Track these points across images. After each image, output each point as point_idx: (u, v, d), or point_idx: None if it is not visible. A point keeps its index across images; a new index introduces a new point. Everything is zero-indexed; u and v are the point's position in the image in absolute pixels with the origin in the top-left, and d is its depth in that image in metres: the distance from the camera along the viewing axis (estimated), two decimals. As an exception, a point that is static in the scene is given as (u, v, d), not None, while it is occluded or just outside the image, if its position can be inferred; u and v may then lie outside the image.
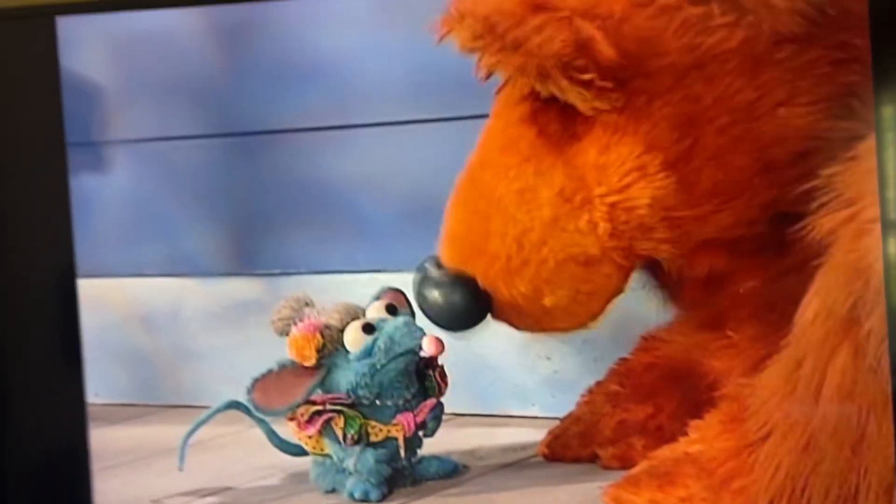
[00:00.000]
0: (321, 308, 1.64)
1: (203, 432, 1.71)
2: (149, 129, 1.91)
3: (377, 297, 1.68)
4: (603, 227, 1.51)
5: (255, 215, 1.91)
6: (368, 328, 1.61)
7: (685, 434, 1.53)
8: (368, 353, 1.60)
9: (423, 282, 1.59)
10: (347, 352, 1.61)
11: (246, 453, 1.82)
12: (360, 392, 1.61)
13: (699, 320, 1.61)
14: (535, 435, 1.73)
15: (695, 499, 1.48)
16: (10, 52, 1.76)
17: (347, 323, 1.62)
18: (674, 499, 1.49)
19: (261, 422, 1.69)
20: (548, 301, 1.56)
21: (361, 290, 1.72)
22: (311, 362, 1.61)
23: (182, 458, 1.69)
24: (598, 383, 1.69)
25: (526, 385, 1.84)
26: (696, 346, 1.62)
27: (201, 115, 1.90)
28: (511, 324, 1.61)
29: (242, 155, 1.90)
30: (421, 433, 1.64)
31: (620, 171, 1.51)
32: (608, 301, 1.59)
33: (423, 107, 1.83)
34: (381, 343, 1.60)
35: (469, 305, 1.58)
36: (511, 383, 1.84)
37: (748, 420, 1.46)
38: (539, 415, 1.83)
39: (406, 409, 1.63)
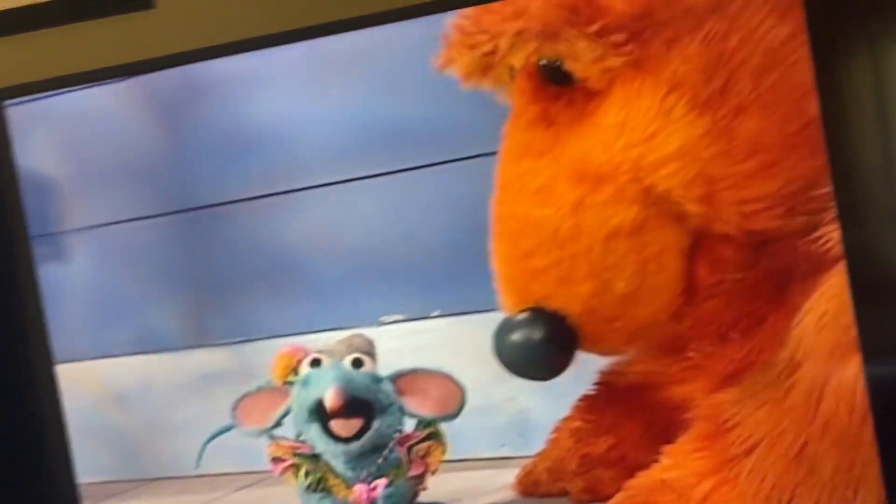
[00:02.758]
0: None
1: (186, 501, 1.68)
2: (102, 214, 1.79)
3: (409, 371, 1.58)
4: (632, 187, 1.28)
5: (211, 287, 1.79)
6: (315, 363, 1.55)
7: (651, 462, 1.38)
8: (305, 382, 1.54)
9: (499, 337, 1.36)
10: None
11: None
12: (304, 428, 1.54)
13: (658, 347, 1.41)
14: (509, 475, 1.60)
15: (674, 526, 1.32)
16: None
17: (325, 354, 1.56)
18: (653, 528, 1.33)
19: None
20: (620, 287, 1.35)
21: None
22: (278, 381, 1.55)
23: (200, 458, 1.63)
24: (563, 420, 1.55)
25: (495, 427, 1.67)
26: (656, 374, 1.46)
27: (151, 194, 1.77)
28: (603, 345, 1.41)
29: (195, 229, 1.77)
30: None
31: (643, 120, 1.31)
32: (682, 256, 1.37)
33: (366, 163, 1.68)
34: (312, 378, 1.54)
35: (550, 337, 1.37)
36: (480, 426, 1.64)
37: (730, 433, 1.31)
38: (510, 455, 1.67)
39: (370, 479, 1.53)
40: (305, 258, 1.73)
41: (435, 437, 1.56)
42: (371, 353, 1.56)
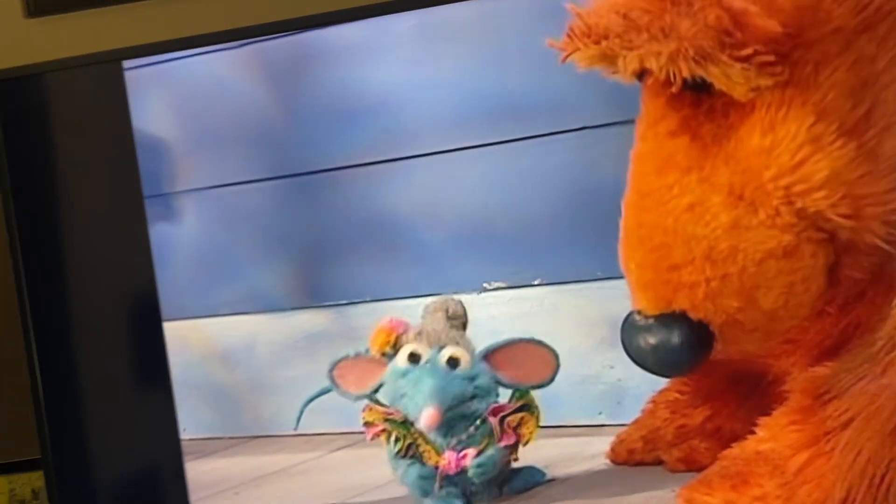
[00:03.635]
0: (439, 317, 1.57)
1: (284, 459, 1.66)
2: (213, 177, 1.77)
3: (507, 343, 1.56)
4: (786, 211, 1.23)
5: (318, 250, 1.76)
6: (414, 357, 1.53)
7: (747, 433, 1.33)
8: (403, 374, 1.53)
9: (634, 334, 1.33)
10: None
11: (329, 477, 1.68)
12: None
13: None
14: (604, 443, 1.57)
15: (769, 497, 1.35)
16: (85, 105, 1.64)
17: (419, 342, 1.54)
18: (747, 498, 1.35)
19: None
20: (766, 304, 1.30)
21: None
22: (375, 353, 1.54)
23: (298, 420, 1.62)
24: (660, 391, 1.52)
25: (592, 395, 1.63)
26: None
27: (261, 159, 1.76)
28: (738, 346, 1.36)
29: (302, 194, 1.75)
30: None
31: (791, 147, 1.26)
32: (827, 274, 1.32)
33: (471, 133, 1.65)
34: (411, 377, 1.52)
35: (689, 343, 1.32)
36: (577, 394, 1.61)
37: (826, 407, 1.28)
38: (606, 423, 1.64)
39: (461, 447, 1.51)
40: (410, 225, 1.70)
41: (528, 408, 1.53)
42: (465, 320, 1.55)
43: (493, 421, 1.52)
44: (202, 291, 1.80)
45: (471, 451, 1.50)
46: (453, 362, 1.52)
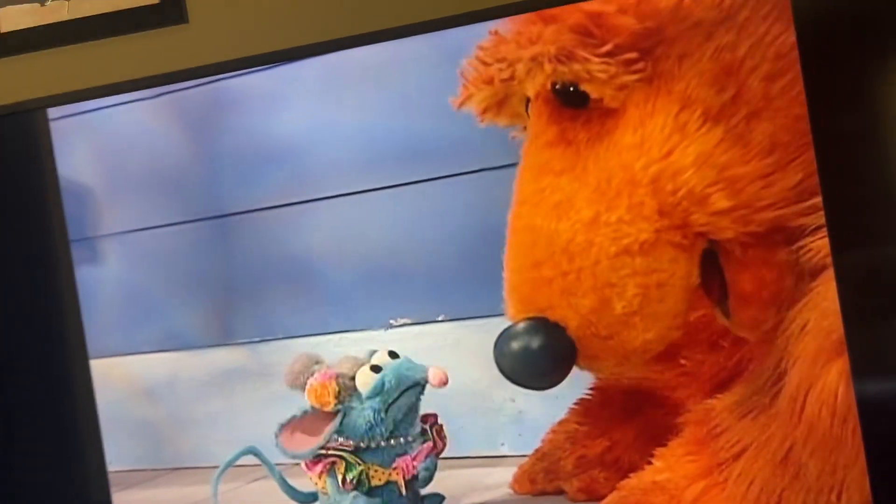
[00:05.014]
0: (330, 363, 1.51)
1: (205, 490, 1.53)
2: (135, 220, 1.75)
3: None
4: (648, 205, 1.21)
5: (233, 290, 1.75)
6: (376, 369, 1.46)
7: (644, 464, 1.28)
8: (379, 390, 1.44)
9: (499, 343, 1.26)
10: (360, 395, 1.46)
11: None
12: (377, 431, 1.44)
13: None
14: (507, 473, 1.52)
15: (666, 526, 1.24)
16: (11, 153, 1.59)
17: (355, 369, 1.47)
18: (646, 527, 1.25)
19: (272, 469, 1.52)
20: (619, 307, 1.26)
21: (333, 349, 1.57)
22: (330, 407, 1.45)
23: (215, 495, 1.52)
24: (560, 422, 1.50)
25: (494, 426, 1.58)
26: (649, 379, 1.36)
27: (180, 203, 1.75)
28: (598, 362, 1.31)
29: (218, 236, 1.74)
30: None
31: (660, 138, 1.23)
32: (686, 293, 1.27)
33: (376, 175, 1.62)
34: (389, 379, 1.45)
35: (548, 346, 1.27)
36: (479, 426, 1.57)
37: (719, 438, 1.23)
38: (508, 453, 1.60)
39: (405, 453, 1.46)
40: (320, 264, 1.66)
41: (438, 421, 1.49)
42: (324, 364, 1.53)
43: (427, 427, 1.49)
44: (125, 330, 1.75)
45: (426, 447, 1.46)
46: (393, 354, 1.49)
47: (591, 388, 1.49)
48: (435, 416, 1.50)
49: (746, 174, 1.24)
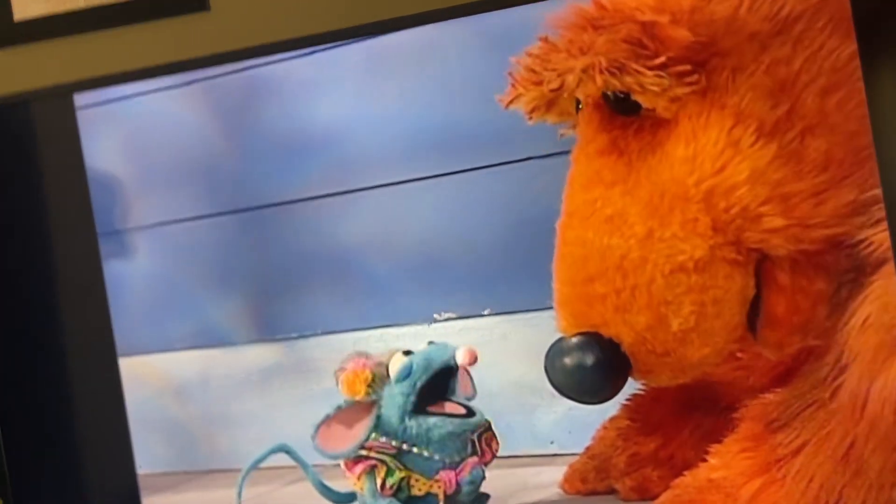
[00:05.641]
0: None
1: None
2: (165, 212, 1.72)
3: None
4: (702, 221, 1.17)
5: (269, 284, 1.72)
6: (407, 353, 1.39)
7: (699, 461, 1.24)
8: (407, 372, 1.37)
9: (552, 358, 1.23)
10: (391, 382, 1.39)
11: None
12: (410, 424, 1.37)
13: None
14: (556, 472, 1.46)
15: (722, 525, 1.20)
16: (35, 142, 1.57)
17: (391, 357, 1.41)
18: (701, 527, 1.22)
19: (306, 468, 1.45)
20: (675, 324, 1.19)
21: (374, 344, 1.53)
22: (361, 395, 1.37)
23: (239, 495, 1.44)
24: (611, 419, 1.44)
25: (543, 424, 1.57)
26: (703, 374, 1.30)
27: (212, 194, 1.72)
28: (653, 376, 1.24)
29: (253, 228, 1.71)
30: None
31: (713, 153, 1.19)
32: (743, 306, 1.19)
33: (419, 165, 1.60)
34: (417, 361, 1.37)
35: (602, 364, 1.20)
36: (529, 424, 1.55)
37: (777, 434, 1.19)
38: (558, 452, 1.58)
39: (450, 468, 1.38)
40: (361, 257, 1.64)
41: (490, 427, 1.44)
42: None
43: (474, 438, 1.45)
44: (155, 327, 1.74)
45: (471, 461, 1.38)
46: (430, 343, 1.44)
47: (643, 385, 1.49)
48: (485, 428, 1.48)
49: (800, 191, 1.22)
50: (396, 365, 1.44)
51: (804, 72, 1.22)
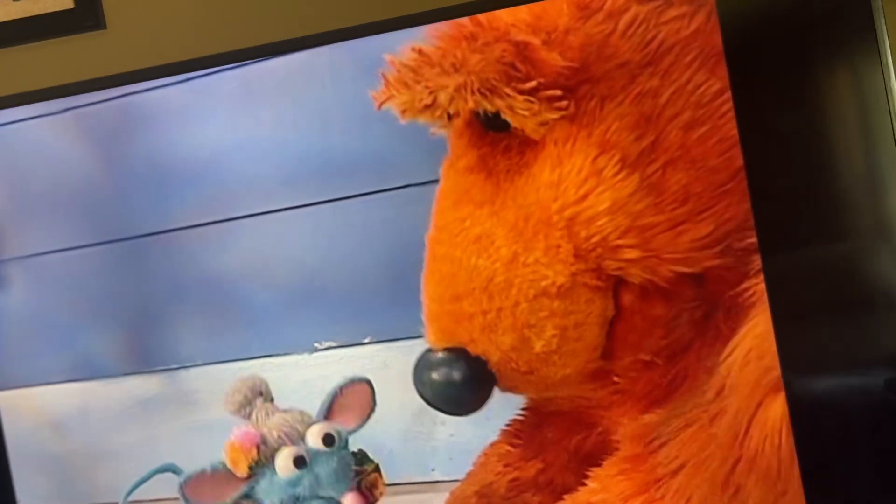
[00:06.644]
0: (268, 408, 1.48)
1: None
2: (39, 244, 1.66)
3: (332, 395, 1.48)
4: (565, 248, 1.21)
5: (148, 314, 1.67)
6: (299, 462, 1.42)
7: (579, 485, 1.26)
8: (294, 484, 1.42)
9: (420, 369, 1.28)
10: (273, 472, 1.43)
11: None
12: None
13: (583, 374, 1.31)
14: (439, 499, 1.49)
15: (601, 547, 1.22)
16: None
17: (283, 444, 1.43)
18: (580, 550, 1.24)
19: None
20: (538, 346, 1.27)
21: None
22: (243, 474, 1.42)
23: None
24: (492, 444, 1.45)
25: (425, 451, 1.52)
26: (582, 398, 1.33)
27: (87, 224, 1.66)
28: (519, 389, 1.34)
29: (130, 258, 1.66)
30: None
31: (577, 180, 1.22)
32: (603, 328, 1.29)
33: (297, 193, 1.58)
34: (306, 481, 1.41)
35: (468, 378, 1.30)
36: (410, 451, 1.52)
37: (657, 453, 1.21)
38: (440, 479, 1.54)
39: None
40: (240, 286, 1.62)
41: (377, 470, 1.45)
42: (269, 393, 1.48)
43: (358, 482, 1.46)
44: (32, 359, 1.68)
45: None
46: (329, 439, 1.46)
47: (523, 409, 1.45)
48: (374, 467, 1.50)
49: (659, 223, 1.26)
50: (286, 471, 1.44)
51: (670, 105, 1.25)
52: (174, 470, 1.47)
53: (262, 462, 1.42)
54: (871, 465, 1.34)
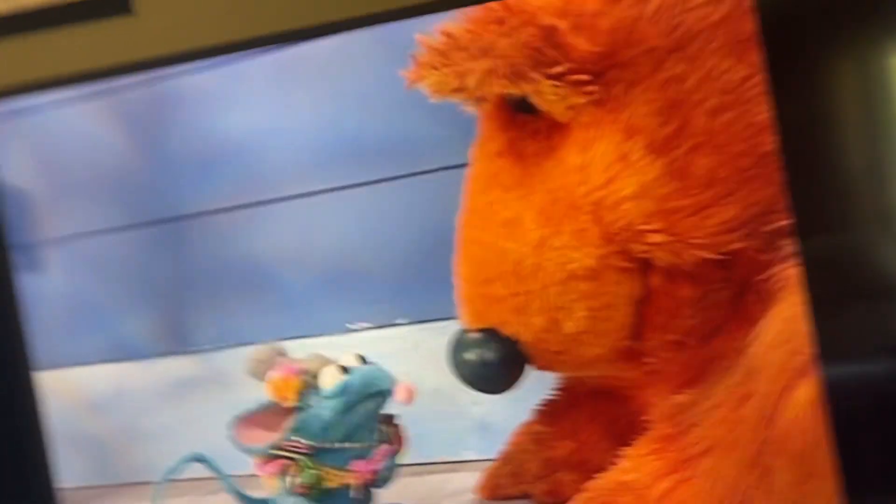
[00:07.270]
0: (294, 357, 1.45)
1: None
2: (78, 225, 1.69)
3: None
4: (592, 231, 1.22)
5: (183, 296, 1.71)
6: (344, 370, 1.41)
7: (611, 464, 1.28)
8: (342, 391, 1.40)
9: (455, 350, 1.30)
10: (320, 393, 1.41)
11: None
12: (330, 433, 1.40)
13: (616, 353, 1.33)
14: (471, 478, 1.51)
15: (633, 526, 1.24)
16: None
17: (321, 367, 1.41)
18: (612, 529, 1.25)
19: (223, 477, 1.47)
20: (568, 327, 1.28)
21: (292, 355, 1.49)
22: (291, 403, 1.40)
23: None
24: (525, 424, 1.46)
25: (458, 431, 1.60)
26: (615, 378, 1.35)
27: (125, 206, 1.70)
28: (553, 368, 1.35)
29: (166, 240, 1.69)
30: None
31: (603, 164, 1.23)
32: (633, 307, 1.29)
33: (331, 175, 1.61)
34: (355, 381, 1.40)
35: (502, 358, 1.31)
36: (443, 431, 1.57)
37: (687, 434, 1.23)
38: (472, 458, 1.59)
39: (362, 457, 1.41)
40: (275, 268, 1.65)
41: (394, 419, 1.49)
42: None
43: (383, 428, 1.47)
44: (69, 340, 1.72)
45: (383, 450, 1.43)
46: (362, 359, 1.45)
47: (556, 389, 1.48)
48: (391, 416, 1.51)
49: (684, 207, 1.27)
50: (330, 380, 1.46)
51: (696, 91, 1.26)
52: (203, 459, 1.48)
53: (308, 389, 1.42)
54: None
